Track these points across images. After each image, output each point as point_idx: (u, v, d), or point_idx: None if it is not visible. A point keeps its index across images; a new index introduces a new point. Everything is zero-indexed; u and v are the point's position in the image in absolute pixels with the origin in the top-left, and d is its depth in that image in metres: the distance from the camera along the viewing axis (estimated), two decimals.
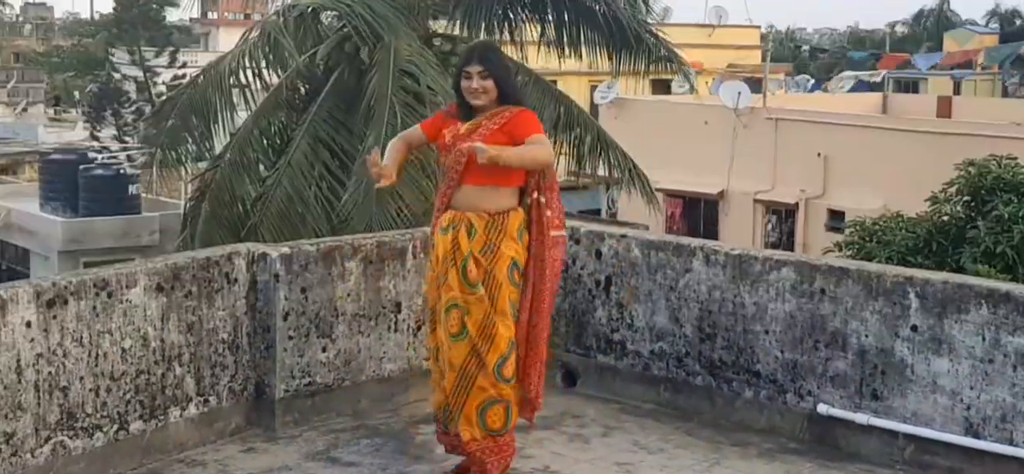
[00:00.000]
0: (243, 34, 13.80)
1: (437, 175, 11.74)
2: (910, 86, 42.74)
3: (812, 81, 31.42)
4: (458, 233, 5.04)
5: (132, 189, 26.57)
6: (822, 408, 5.82)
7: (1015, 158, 13.41)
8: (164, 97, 26.51)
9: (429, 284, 5.27)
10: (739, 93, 25.68)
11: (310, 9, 13.50)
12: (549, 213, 5.11)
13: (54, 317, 5.02)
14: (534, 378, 5.15)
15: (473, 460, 5.11)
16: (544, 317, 5.14)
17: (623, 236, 6.59)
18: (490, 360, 5.00)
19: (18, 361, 4.89)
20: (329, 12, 13.68)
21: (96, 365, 5.18)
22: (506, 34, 13.90)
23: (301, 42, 13.46)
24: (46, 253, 25.98)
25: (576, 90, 26.39)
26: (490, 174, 4.96)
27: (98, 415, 5.20)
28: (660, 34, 14.52)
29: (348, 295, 6.08)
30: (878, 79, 31.98)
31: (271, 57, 13.23)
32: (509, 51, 14.13)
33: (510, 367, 5.04)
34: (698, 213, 26.42)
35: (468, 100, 5.10)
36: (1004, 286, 5.50)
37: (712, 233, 24.55)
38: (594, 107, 28.39)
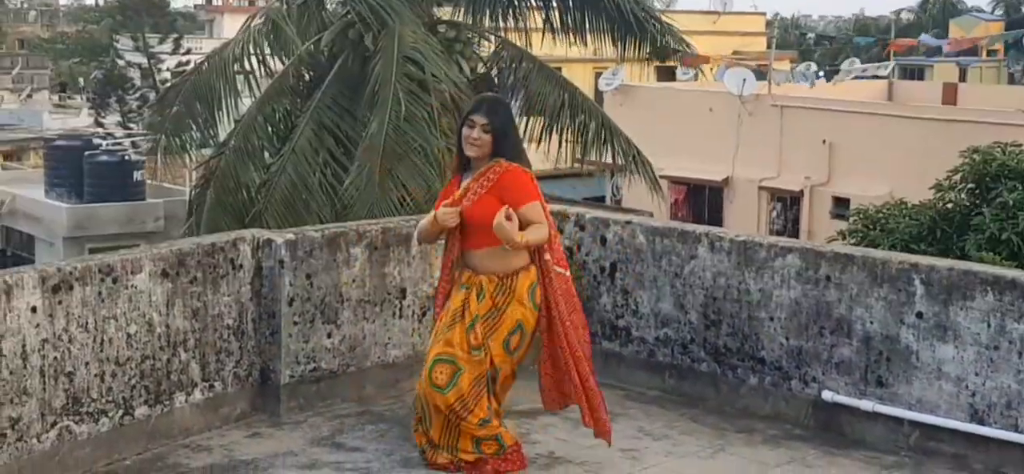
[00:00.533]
0: (246, 20, 13.78)
1: (441, 163, 11.82)
2: (916, 73, 42.65)
3: (821, 73, 31.23)
4: (470, 294, 5.09)
5: (137, 175, 26.61)
6: (827, 395, 5.82)
7: (1020, 145, 13.37)
8: (168, 84, 26.53)
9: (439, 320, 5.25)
10: (744, 80, 25.63)
11: None
12: (548, 257, 5.12)
13: (59, 302, 5.02)
14: (585, 405, 5.19)
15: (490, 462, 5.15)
16: (574, 348, 5.15)
17: (628, 222, 6.59)
18: (474, 417, 5.07)
19: (24, 346, 4.90)
20: None
21: (101, 350, 5.19)
22: (511, 20, 13.86)
23: (305, 28, 13.44)
24: (51, 239, 26.03)
25: (581, 77, 26.35)
26: (496, 237, 4.98)
27: (103, 400, 5.21)
28: (665, 20, 14.47)
29: (353, 281, 6.08)
30: (886, 71, 31.79)
31: (275, 44, 13.22)
32: (513, 38, 14.11)
33: (495, 423, 5.12)
34: (703, 200, 26.40)
35: (466, 149, 5.15)
36: (1010, 273, 5.49)
37: (717, 220, 24.53)
38: (599, 94, 28.36)
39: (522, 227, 4.99)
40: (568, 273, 5.26)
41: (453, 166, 5.37)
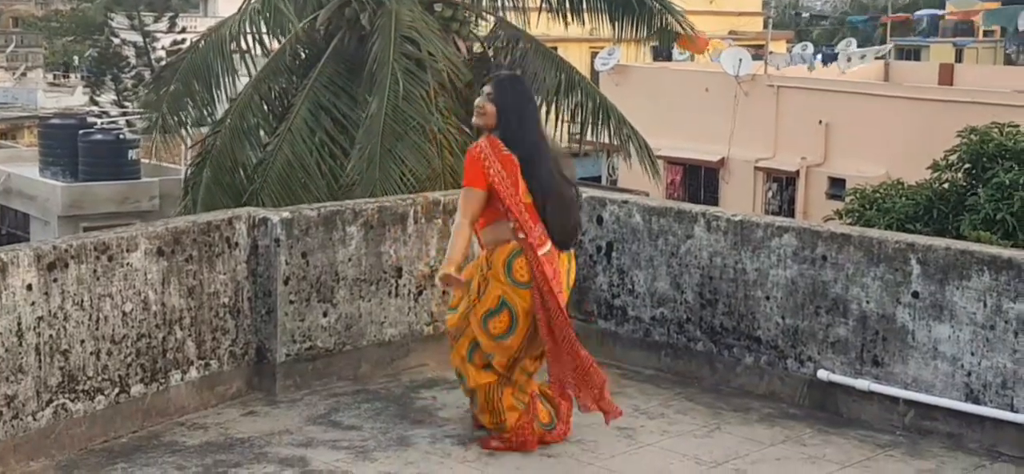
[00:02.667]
0: (242, 3, 13.73)
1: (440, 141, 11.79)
2: (912, 54, 42.61)
3: (818, 55, 31.04)
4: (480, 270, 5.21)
5: (132, 154, 26.52)
6: (823, 374, 5.83)
7: (1017, 125, 13.39)
8: (164, 62, 26.45)
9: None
10: (740, 60, 25.59)
11: None
12: (524, 235, 5.06)
13: (55, 280, 5.01)
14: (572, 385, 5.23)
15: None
16: (558, 328, 5.12)
17: (624, 202, 6.59)
18: (456, 352, 5.32)
19: (19, 324, 4.89)
20: None
21: (97, 328, 5.18)
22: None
23: (302, 6, 13.39)
24: (46, 218, 25.97)
25: (577, 57, 26.30)
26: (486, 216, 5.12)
27: (99, 378, 5.21)
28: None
29: (349, 260, 6.07)
30: (883, 53, 31.64)
31: (272, 22, 13.16)
32: (511, 18, 14.08)
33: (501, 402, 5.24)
34: (699, 180, 26.39)
35: (474, 118, 5.26)
36: (1006, 252, 5.49)
37: (713, 200, 24.53)
38: (595, 73, 28.31)
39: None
40: (547, 249, 5.13)
41: (478, 144, 5.27)
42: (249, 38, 13.19)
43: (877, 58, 31.40)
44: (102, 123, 28.27)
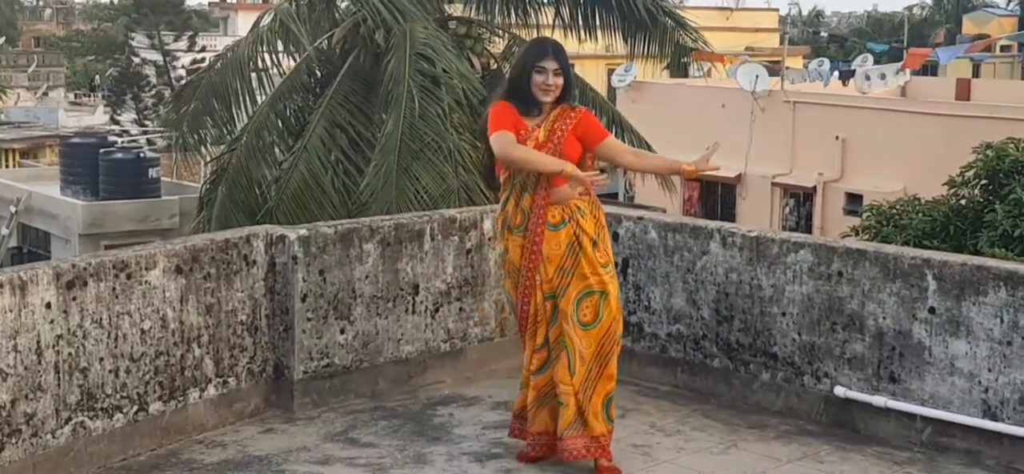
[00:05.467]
0: (256, 19, 13.83)
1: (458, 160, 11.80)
2: (929, 69, 42.48)
3: (835, 72, 30.92)
4: (575, 222, 5.06)
5: (152, 172, 26.68)
6: (839, 390, 5.82)
7: None
8: (183, 81, 26.60)
9: (527, 287, 5.09)
10: (756, 76, 25.58)
11: None
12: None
13: (74, 298, 5.05)
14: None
15: (601, 450, 5.09)
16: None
17: (640, 218, 6.60)
18: (617, 348, 5.10)
19: (38, 342, 4.93)
20: None
21: (115, 346, 5.22)
22: (522, 16, 13.87)
23: (317, 25, 13.47)
24: (67, 236, 26.11)
25: (593, 73, 26.33)
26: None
27: (118, 396, 5.24)
28: (678, 14, 14.46)
29: (366, 277, 6.10)
30: (903, 81, 31.51)
31: (287, 41, 13.25)
32: (525, 35, 14.12)
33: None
34: (716, 196, 26.35)
35: (537, 95, 5.06)
36: (1023, 268, 5.47)
37: (730, 216, 24.48)
38: (612, 90, 28.35)
39: (607, 156, 5.21)
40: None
41: (506, 108, 5.10)
42: (266, 57, 13.28)
43: (897, 74, 31.25)
44: (123, 142, 28.47)
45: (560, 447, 5.12)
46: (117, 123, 38.10)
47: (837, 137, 24.14)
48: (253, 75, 13.36)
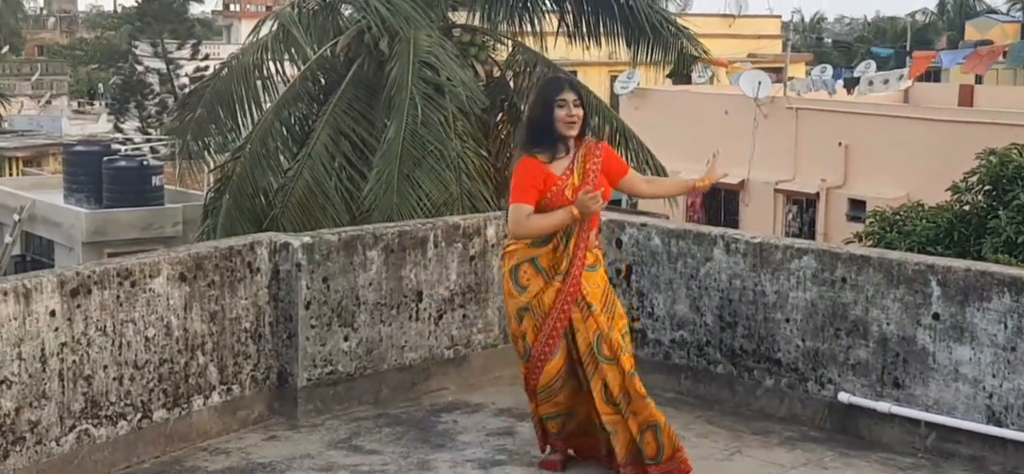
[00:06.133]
0: (254, 26, 13.86)
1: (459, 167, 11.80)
2: (932, 74, 42.47)
3: (839, 78, 30.90)
4: (602, 265, 5.16)
5: (156, 180, 26.70)
6: (843, 396, 5.82)
7: None
8: (187, 89, 26.65)
9: (553, 331, 5.04)
10: (759, 83, 25.59)
11: (327, 1, 13.55)
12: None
13: (78, 306, 5.06)
14: None
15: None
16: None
17: (643, 225, 6.60)
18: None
19: (42, 350, 4.93)
20: (348, 3, 13.73)
21: (120, 354, 5.22)
22: (526, 24, 13.88)
23: (320, 32, 13.50)
24: (70, 244, 26.13)
25: (596, 80, 26.34)
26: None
27: (122, 403, 5.24)
28: (680, 23, 14.48)
29: (370, 284, 6.10)
30: (906, 86, 31.44)
31: (292, 50, 13.28)
32: (529, 42, 14.15)
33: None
34: (719, 203, 26.35)
35: (562, 130, 5.03)
36: None
37: (733, 223, 24.48)
38: (615, 97, 28.36)
39: (626, 189, 5.29)
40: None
41: (530, 167, 5.03)
42: (269, 65, 13.30)
43: (900, 80, 31.24)
44: (126, 150, 28.48)
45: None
46: (120, 131, 38.15)
47: (840, 143, 24.14)
48: (258, 82, 13.38)
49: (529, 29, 14.02)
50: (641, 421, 5.01)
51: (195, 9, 45.31)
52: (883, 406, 5.68)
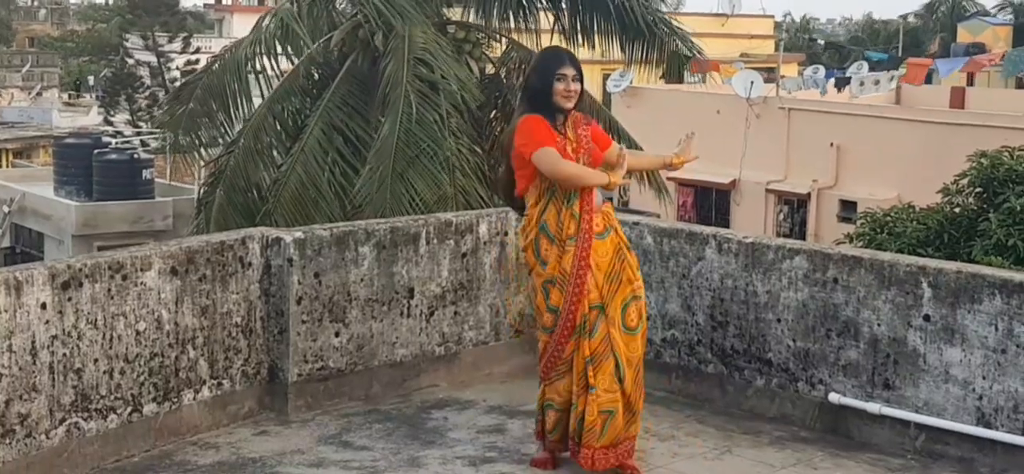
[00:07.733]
0: (258, 20, 13.83)
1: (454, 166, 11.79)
2: (926, 78, 42.49)
3: (831, 78, 30.87)
4: (614, 230, 5.13)
5: (146, 174, 26.66)
6: (834, 397, 5.83)
7: None
8: (178, 82, 26.60)
9: (575, 296, 5.00)
10: (752, 82, 25.62)
11: None
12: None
13: (69, 299, 5.05)
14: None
15: (631, 451, 5.13)
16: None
17: (635, 223, 6.60)
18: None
19: (33, 343, 4.92)
20: None
21: (110, 347, 5.21)
22: (520, 21, 13.88)
23: (315, 27, 13.47)
24: (60, 237, 26.09)
25: (589, 78, 26.25)
26: None
27: (112, 397, 5.23)
28: (673, 23, 14.49)
29: (361, 280, 6.10)
30: (895, 86, 31.45)
31: (285, 43, 13.25)
32: (523, 40, 14.14)
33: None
34: (710, 202, 26.39)
35: (560, 102, 5.05)
36: (1018, 276, 5.48)
37: (724, 222, 24.51)
38: (607, 95, 28.36)
39: (610, 160, 5.24)
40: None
41: (539, 122, 5.03)
42: (265, 59, 13.27)
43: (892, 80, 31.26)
44: (116, 143, 28.43)
45: (609, 455, 5.08)
46: (111, 124, 38.09)
47: (832, 144, 24.19)
48: (251, 76, 13.35)
49: (523, 26, 14.02)
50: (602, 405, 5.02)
51: (186, 2, 45.24)
52: (873, 407, 5.69)
